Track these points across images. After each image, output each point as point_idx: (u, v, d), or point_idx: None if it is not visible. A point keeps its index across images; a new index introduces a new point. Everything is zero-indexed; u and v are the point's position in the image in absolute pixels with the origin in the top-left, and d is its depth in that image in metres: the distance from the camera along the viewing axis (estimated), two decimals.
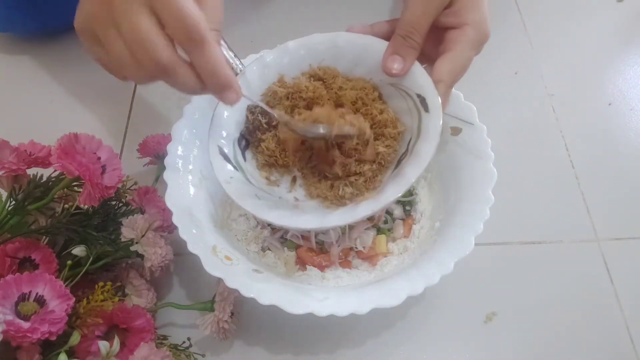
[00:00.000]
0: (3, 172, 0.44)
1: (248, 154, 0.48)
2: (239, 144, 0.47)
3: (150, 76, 0.34)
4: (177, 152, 0.50)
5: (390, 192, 0.41)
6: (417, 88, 0.44)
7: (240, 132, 0.47)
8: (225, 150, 0.45)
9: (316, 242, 0.53)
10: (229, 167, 0.44)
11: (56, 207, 0.48)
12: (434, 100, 0.42)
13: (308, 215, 0.42)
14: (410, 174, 0.41)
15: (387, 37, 0.45)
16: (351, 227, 0.53)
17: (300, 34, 0.57)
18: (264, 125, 0.47)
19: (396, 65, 0.43)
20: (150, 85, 0.69)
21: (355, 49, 0.47)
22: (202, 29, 0.33)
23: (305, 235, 0.53)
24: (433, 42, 0.44)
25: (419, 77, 0.43)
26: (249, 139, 0.48)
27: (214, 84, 0.35)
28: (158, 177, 0.58)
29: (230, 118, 0.46)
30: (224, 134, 0.46)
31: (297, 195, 0.46)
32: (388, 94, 0.47)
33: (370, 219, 0.53)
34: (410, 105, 0.45)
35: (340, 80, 0.47)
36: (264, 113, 0.46)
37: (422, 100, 0.43)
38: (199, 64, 0.34)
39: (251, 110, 0.47)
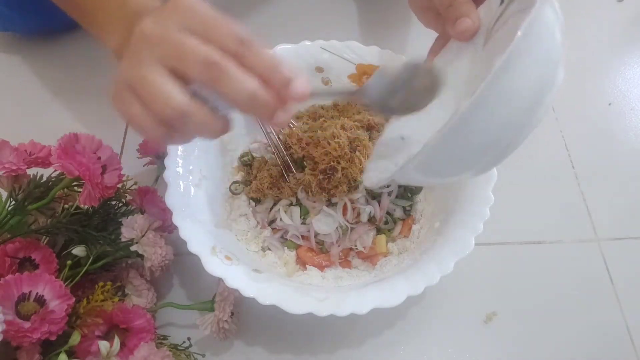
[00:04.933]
0: (3, 172, 0.44)
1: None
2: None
3: (197, 104, 0.33)
4: (177, 152, 0.50)
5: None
6: None
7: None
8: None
9: (316, 242, 0.53)
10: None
11: (56, 207, 0.48)
12: None
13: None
14: None
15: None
16: (352, 227, 0.53)
17: (300, 35, 0.58)
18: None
19: (467, 22, 0.41)
20: None
21: None
22: (244, 31, 0.33)
23: (305, 236, 0.53)
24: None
25: None
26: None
27: (281, 74, 0.33)
28: (158, 177, 0.58)
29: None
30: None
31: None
32: None
33: (371, 220, 0.53)
34: None
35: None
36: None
37: None
38: (259, 61, 0.32)
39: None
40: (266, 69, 0.32)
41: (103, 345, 0.41)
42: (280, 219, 0.53)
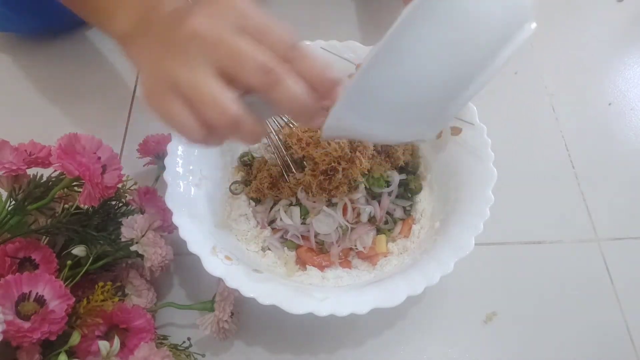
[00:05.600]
0: (3, 172, 0.44)
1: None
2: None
3: (245, 111, 0.33)
4: (177, 152, 0.50)
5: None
6: None
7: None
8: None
9: (316, 242, 0.53)
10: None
11: (56, 207, 0.48)
12: None
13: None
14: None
15: None
16: (352, 228, 0.53)
17: (300, 35, 0.57)
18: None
19: None
20: None
21: None
22: (292, 36, 0.33)
23: (305, 236, 0.53)
24: None
25: None
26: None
27: (326, 80, 0.33)
28: (158, 177, 0.58)
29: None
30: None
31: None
32: None
33: (372, 220, 0.53)
34: None
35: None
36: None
37: None
38: (307, 65, 0.33)
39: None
40: (315, 75, 0.33)
41: (103, 345, 0.41)
42: (280, 219, 0.53)
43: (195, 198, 0.50)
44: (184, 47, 0.32)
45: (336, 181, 0.51)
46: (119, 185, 0.48)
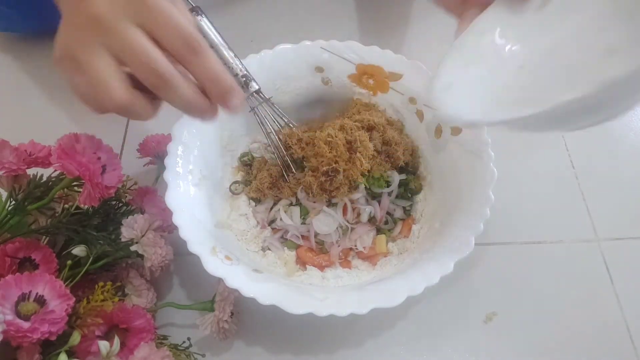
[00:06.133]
0: (3, 172, 0.44)
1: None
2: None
3: (140, 100, 0.34)
4: (177, 152, 0.50)
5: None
6: None
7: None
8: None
9: (316, 242, 0.53)
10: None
11: (56, 207, 0.48)
12: None
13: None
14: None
15: None
16: (352, 228, 0.53)
17: (300, 35, 0.58)
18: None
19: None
20: None
21: None
22: (199, 37, 0.33)
23: (305, 236, 0.53)
24: None
25: None
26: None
27: (218, 89, 0.35)
28: (158, 177, 0.58)
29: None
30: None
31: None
32: None
33: (372, 220, 0.53)
34: None
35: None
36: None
37: None
38: (200, 71, 0.34)
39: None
40: (207, 80, 0.34)
41: (103, 345, 0.41)
42: (280, 219, 0.53)
43: (195, 198, 0.50)
44: (83, 26, 0.33)
45: (337, 182, 0.51)
46: (119, 185, 0.47)
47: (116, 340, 0.41)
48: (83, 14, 0.33)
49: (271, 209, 0.54)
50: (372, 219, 0.53)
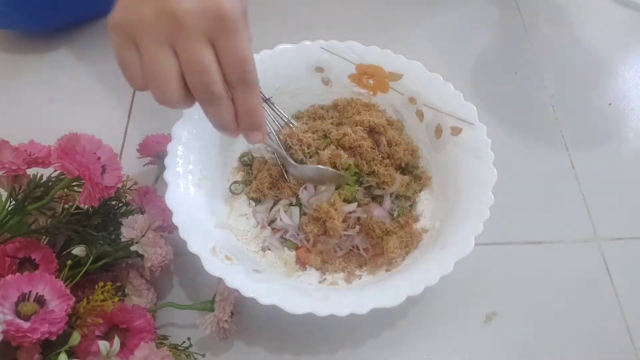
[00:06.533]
0: (3, 172, 0.44)
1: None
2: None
3: (187, 101, 0.36)
4: (177, 152, 0.50)
5: None
6: None
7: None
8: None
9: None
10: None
11: (56, 207, 0.48)
12: None
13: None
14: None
15: None
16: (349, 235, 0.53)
17: (300, 35, 0.58)
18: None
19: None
20: None
21: None
22: (256, 74, 0.36)
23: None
24: None
25: None
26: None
27: (249, 123, 0.38)
28: (158, 177, 0.58)
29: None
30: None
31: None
32: None
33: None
34: None
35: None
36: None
37: None
38: (242, 103, 0.37)
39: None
40: (244, 111, 0.37)
41: (103, 345, 0.41)
42: (280, 219, 0.53)
43: (195, 198, 0.50)
44: (158, 12, 0.32)
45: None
46: (119, 185, 0.47)
47: (116, 340, 0.41)
48: (160, 3, 0.32)
49: (271, 209, 0.54)
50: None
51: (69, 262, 0.44)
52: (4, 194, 0.46)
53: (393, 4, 0.77)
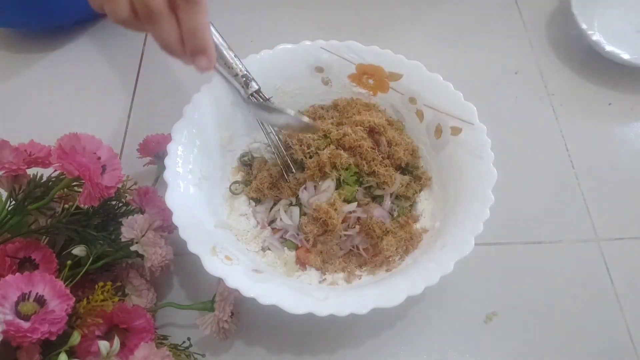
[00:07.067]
0: (3, 172, 0.44)
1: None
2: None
3: (136, 21, 0.36)
4: (177, 152, 0.50)
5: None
6: None
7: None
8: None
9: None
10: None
11: (56, 207, 0.48)
12: None
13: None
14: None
15: None
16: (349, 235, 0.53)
17: (300, 35, 0.58)
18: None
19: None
20: (150, 85, 0.69)
21: None
22: None
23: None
24: None
25: None
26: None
27: (193, 44, 0.37)
28: (158, 177, 0.58)
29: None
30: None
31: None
32: None
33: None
34: None
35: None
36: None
37: None
38: (186, 21, 0.36)
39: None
40: (186, 31, 0.36)
41: (103, 345, 0.41)
42: (280, 219, 0.53)
43: (195, 198, 0.50)
44: None
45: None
46: (119, 185, 0.47)
47: (116, 340, 0.41)
48: None
49: (271, 209, 0.54)
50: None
51: (69, 262, 0.44)
52: (4, 194, 0.46)
53: (393, 4, 0.77)
